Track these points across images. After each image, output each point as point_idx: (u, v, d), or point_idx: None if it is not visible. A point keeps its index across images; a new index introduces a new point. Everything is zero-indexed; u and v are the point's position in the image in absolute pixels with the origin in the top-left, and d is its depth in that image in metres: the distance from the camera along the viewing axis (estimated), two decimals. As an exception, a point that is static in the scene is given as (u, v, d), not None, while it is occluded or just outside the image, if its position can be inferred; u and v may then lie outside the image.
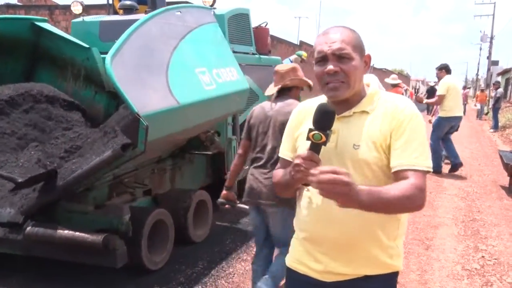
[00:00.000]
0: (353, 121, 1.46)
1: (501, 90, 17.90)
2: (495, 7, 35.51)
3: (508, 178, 6.70)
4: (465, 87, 34.08)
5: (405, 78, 58.94)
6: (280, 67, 3.01)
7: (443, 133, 7.53)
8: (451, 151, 7.66)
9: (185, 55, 3.51)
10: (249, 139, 3.03)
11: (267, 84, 6.11)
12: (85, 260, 3.20)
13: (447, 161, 8.50)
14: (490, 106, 18.01)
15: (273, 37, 16.89)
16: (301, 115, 1.61)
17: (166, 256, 3.80)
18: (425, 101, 9.72)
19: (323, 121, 1.33)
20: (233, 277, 3.67)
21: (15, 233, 3.19)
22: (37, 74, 4.35)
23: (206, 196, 4.49)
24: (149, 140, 2.86)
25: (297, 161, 1.33)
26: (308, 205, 1.52)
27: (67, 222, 3.24)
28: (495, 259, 4.11)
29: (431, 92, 13.76)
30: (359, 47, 1.45)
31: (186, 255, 4.04)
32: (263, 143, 2.90)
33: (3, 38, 3.98)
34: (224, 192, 3.18)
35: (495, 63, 38.84)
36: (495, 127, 15.69)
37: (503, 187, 6.81)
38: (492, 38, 36.20)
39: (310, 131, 1.32)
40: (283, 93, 2.95)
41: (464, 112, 22.72)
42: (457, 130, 7.98)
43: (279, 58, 6.71)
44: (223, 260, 3.99)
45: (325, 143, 1.32)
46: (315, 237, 1.52)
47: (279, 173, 1.61)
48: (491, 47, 36.28)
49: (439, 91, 6.89)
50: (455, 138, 7.77)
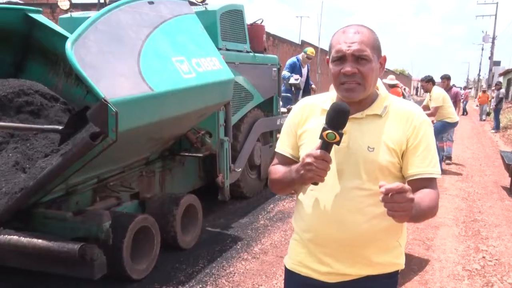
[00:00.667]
0: (366, 123, 1.45)
1: (503, 91, 17.88)
2: (497, 7, 35.61)
3: (509, 178, 6.68)
4: (465, 88, 34.08)
5: (407, 78, 58.91)
6: None
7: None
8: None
9: (160, 44, 3.37)
10: None
11: (262, 83, 5.97)
12: (61, 271, 3.00)
13: (448, 161, 8.54)
14: (492, 106, 17.99)
15: (274, 37, 16.88)
16: (305, 111, 1.56)
17: (150, 264, 3.60)
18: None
19: (338, 120, 1.32)
20: (234, 276, 3.66)
21: None
22: (27, 66, 4.15)
23: (195, 200, 4.27)
24: (122, 129, 2.68)
25: (309, 160, 1.31)
26: (313, 204, 1.48)
27: (44, 229, 3.05)
28: (496, 259, 4.09)
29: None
30: (377, 49, 1.43)
31: (186, 254, 4.02)
32: None
33: None
34: None
35: (497, 63, 38.80)
36: (497, 127, 15.70)
37: (504, 188, 6.78)
38: (494, 38, 36.19)
39: (323, 130, 1.31)
40: None
41: (465, 112, 22.79)
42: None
43: (276, 56, 6.52)
44: (224, 259, 3.97)
45: (338, 143, 1.31)
46: (320, 238, 1.49)
47: (279, 169, 1.55)
48: (493, 48, 36.27)
49: (436, 102, 7.00)
50: (457, 138, 7.78)
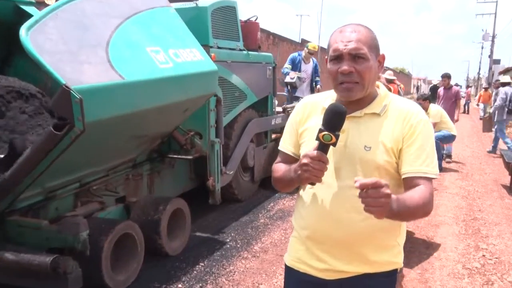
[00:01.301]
0: (364, 122, 1.44)
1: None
2: (497, 5, 35.53)
3: (509, 177, 6.69)
4: (468, 86, 33.97)
5: (407, 77, 58.85)
6: None
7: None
8: None
9: (132, 34, 3.25)
10: None
11: (256, 82, 5.90)
12: (32, 285, 2.78)
13: (448, 159, 8.54)
14: (492, 107, 17.92)
15: (274, 35, 16.86)
16: (306, 109, 1.56)
17: (133, 274, 3.43)
18: None
19: (334, 122, 1.31)
20: (234, 275, 3.67)
21: None
22: (14, 60, 3.91)
23: (183, 204, 4.10)
24: (91, 120, 2.52)
25: (305, 161, 1.31)
26: (312, 202, 1.49)
27: (18, 239, 2.88)
28: (496, 258, 4.11)
29: (434, 90, 13.71)
30: (374, 47, 1.43)
31: (186, 253, 4.04)
32: None
33: None
34: None
35: (497, 61, 38.68)
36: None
37: (504, 186, 6.81)
38: (494, 36, 36.17)
39: (320, 131, 1.31)
40: None
41: (468, 111, 22.78)
42: None
43: (270, 54, 6.34)
44: (224, 257, 3.99)
45: (334, 144, 1.31)
46: (318, 235, 1.50)
47: (280, 167, 1.57)
48: (493, 46, 36.26)
49: (435, 119, 7.15)
50: (457, 137, 7.83)
